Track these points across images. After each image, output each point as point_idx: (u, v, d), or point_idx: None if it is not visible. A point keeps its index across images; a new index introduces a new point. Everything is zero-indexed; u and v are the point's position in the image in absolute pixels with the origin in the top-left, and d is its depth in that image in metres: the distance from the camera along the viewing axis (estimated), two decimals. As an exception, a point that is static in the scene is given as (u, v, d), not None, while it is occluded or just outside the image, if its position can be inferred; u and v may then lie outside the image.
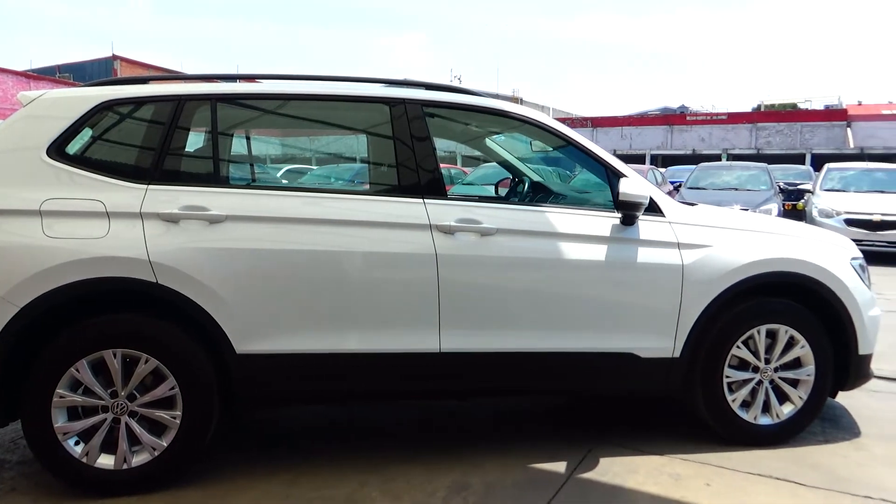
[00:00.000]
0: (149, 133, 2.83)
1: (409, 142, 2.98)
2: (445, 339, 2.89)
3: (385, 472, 2.94)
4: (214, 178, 2.90)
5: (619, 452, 3.15)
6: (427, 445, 3.26)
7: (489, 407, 3.84)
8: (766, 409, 3.25)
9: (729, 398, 3.19)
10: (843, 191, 11.27)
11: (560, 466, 3.00)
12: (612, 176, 3.15)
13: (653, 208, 3.13)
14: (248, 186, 3.16)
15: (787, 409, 3.27)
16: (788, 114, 44.05)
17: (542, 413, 3.81)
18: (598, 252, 3.02)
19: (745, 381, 3.22)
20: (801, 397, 3.26)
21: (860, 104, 46.53)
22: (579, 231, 3.03)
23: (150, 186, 2.73)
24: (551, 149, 3.50)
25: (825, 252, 3.32)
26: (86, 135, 2.83)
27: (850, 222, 10.16)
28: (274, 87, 3.17)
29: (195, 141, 2.99)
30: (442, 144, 3.96)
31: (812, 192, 11.75)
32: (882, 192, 10.99)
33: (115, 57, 43.12)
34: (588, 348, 3.04)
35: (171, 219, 2.69)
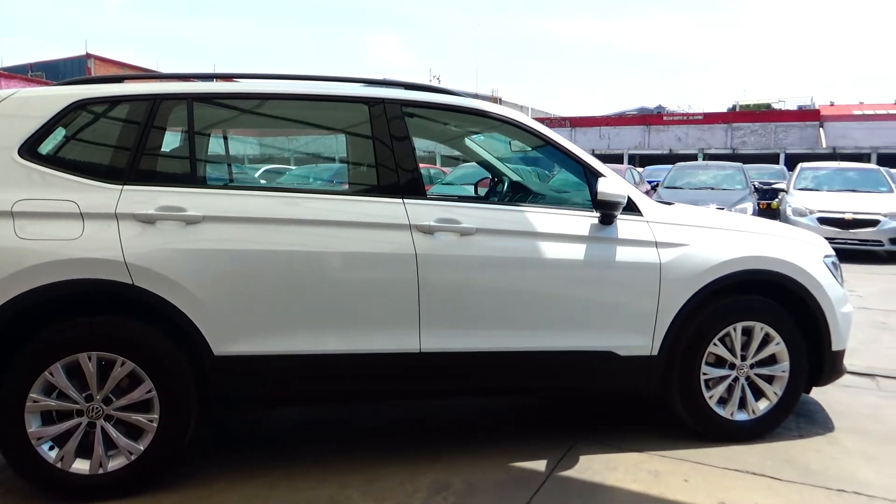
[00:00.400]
0: (124, 133, 2.79)
1: (389, 141, 2.97)
2: (426, 339, 2.89)
3: (366, 472, 2.93)
4: (191, 178, 2.87)
5: (598, 450, 3.17)
6: (408, 445, 3.26)
7: (470, 406, 3.84)
8: (743, 405, 3.30)
9: (706, 395, 3.23)
10: (816, 190, 11.48)
11: (540, 465, 3.02)
12: (591, 175, 3.17)
13: (631, 207, 3.15)
14: (225, 187, 3.12)
15: (762, 406, 3.32)
16: (763, 114, 44.75)
17: (523, 412, 3.83)
18: (576, 251, 3.04)
19: (722, 378, 3.27)
20: (776, 393, 3.31)
21: (832, 105, 47.39)
22: (558, 230, 3.05)
23: (126, 187, 2.69)
24: (530, 148, 3.52)
25: (799, 250, 3.38)
26: (59, 134, 2.78)
27: (822, 221, 10.34)
28: (251, 86, 3.14)
29: (171, 141, 2.95)
30: (421, 144, 3.96)
31: (786, 192, 11.94)
32: (854, 191, 11.21)
33: (88, 55, 42.44)
34: (568, 347, 3.05)
35: (147, 219, 2.66)
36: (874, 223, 10.13)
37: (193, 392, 2.72)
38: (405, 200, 2.91)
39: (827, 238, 4.20)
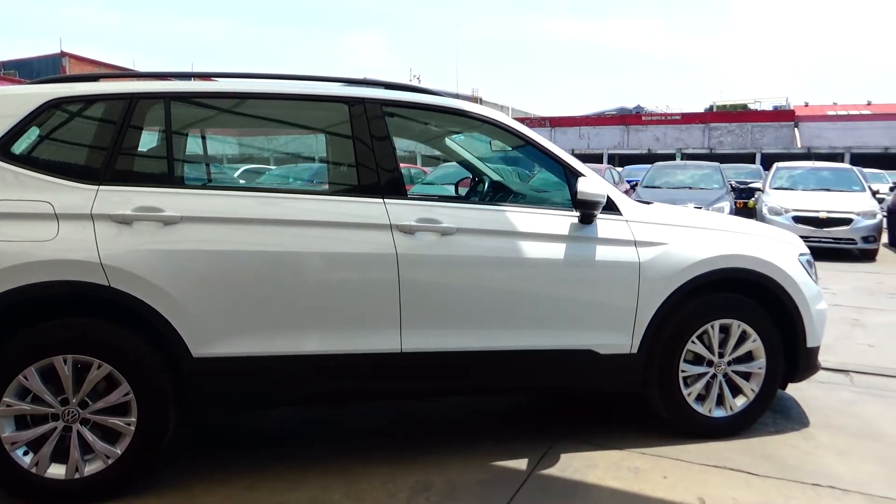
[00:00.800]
0: (100, 132, 2.75)
1: (369, 141, 2.96)
2: (407, 338, 2.89)
3: (348, 473, 2.92)
4: (169, 178, 2.84)
5: (579, 448, 3.20)
6: (390, 446, 3.25)
7: (452, 406, 3.85)
8: (720, 402, 3.34)
9: (684, 392, 3.27)
10: (792, 189, 11.65)
11: (522, 463, 3.03)
12: (571, 175, 3.19)
13: (610, 207, 3.17)
14: (203, 187, 3.09)
15: (740, 402, 3.36)
16: (739, 114, 45.41)
17: (504, 411, 3.84)
18: (557, 251, 3.06)
19: (700, 376, 3.31)
20: (753, 390, 3.36)
21: (807, 105, 48.22)
22: (538, 230, 3.06)
23: (102, 187, 2.66)
24: (511, 148, 3.53)
25: (775, 248, 3.43)
26: (32, 134, 2.73)
27: (797, 219, 10.50)
28: (230, 85, 3.11)
29: (148, 140, 2.92)
30: (402, 144, 3.96)
31: (762, 191, 12.11)
32: (828, 190, 11.40)
33: (63, 53, 41.82)
34: (548, 346, 3.07)
35: (124, 220, 2.62)
36: (847, 222, 10.31)
37: (172, 394, 2.69)
38: (386, 200, 2.91)
39: (802, 236, 4.27)
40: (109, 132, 2.74)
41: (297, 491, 2.78)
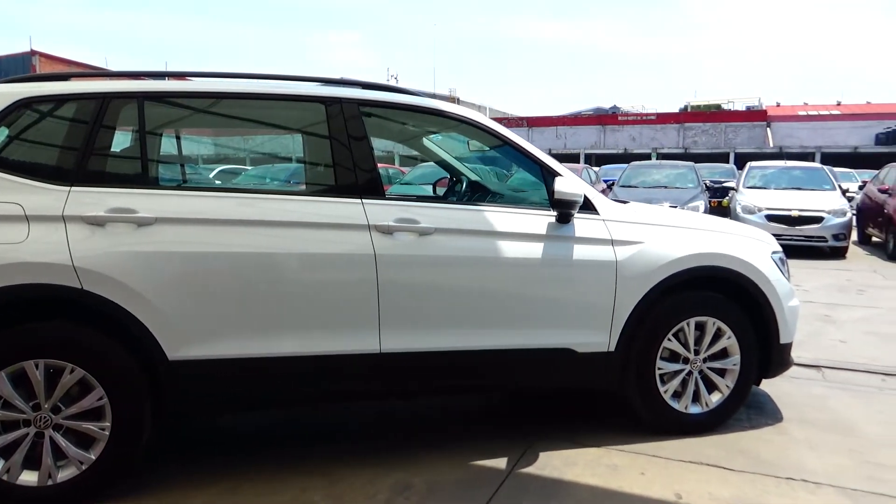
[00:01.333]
0: (71, 132, 2.70)
1: (346, 141, 2.95)
2: (385, 339, 2.88)
3: (328, 475, 2.91)
4: (143, 179, 2.80)
5: (558, 446, 3.22)
6: (370, 447, 3.24)
7: (431, 406, 3.85)
8: (696, 398, 3.38)
9: (661, 389, 3.30)
10: (764, 188, 11.84)
11: (501, 463, 3.04)
12: (548, 175, 3.21)
13: (587, 206, 3.20)
14: (178, 187, 3.06)
15: (715, 398, 3.41)
16: (713, 114, 45.99)
17: (484, 410, 3.85)
18: (534, 250, 3.07)
19: (676, 373, 3.35)
20: (728, 386, 3.41)
21: (779, 105, 49.05)
22: (516, 229, 3.07)
23: (74, 188, 2.61)
24: (488, 148, 3.54)
25: (749, 247, 3.48)
26: (1, 134, 2.68)
27: (770, 218, 10.67)
28: (205, 84, 3.08)
29: (122, 141, 2.87)
30: (379, 144, 3.95)
31: (736, 190, 12.28)
32: (799, 189, 11.61)
33: (33, 52, 40.94)
34: (527, 345, 3.08)
35: (97, 222, 2.58)
36: (818, 220, 10.51)
37: (147, 398, 2.66)
38: (364, 200, 2.90)
39: (774, 234, 4.34)
40: (81, 132, 2.69)
41: (278, 493, 2.76)
